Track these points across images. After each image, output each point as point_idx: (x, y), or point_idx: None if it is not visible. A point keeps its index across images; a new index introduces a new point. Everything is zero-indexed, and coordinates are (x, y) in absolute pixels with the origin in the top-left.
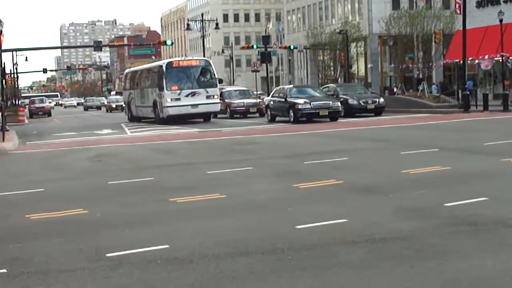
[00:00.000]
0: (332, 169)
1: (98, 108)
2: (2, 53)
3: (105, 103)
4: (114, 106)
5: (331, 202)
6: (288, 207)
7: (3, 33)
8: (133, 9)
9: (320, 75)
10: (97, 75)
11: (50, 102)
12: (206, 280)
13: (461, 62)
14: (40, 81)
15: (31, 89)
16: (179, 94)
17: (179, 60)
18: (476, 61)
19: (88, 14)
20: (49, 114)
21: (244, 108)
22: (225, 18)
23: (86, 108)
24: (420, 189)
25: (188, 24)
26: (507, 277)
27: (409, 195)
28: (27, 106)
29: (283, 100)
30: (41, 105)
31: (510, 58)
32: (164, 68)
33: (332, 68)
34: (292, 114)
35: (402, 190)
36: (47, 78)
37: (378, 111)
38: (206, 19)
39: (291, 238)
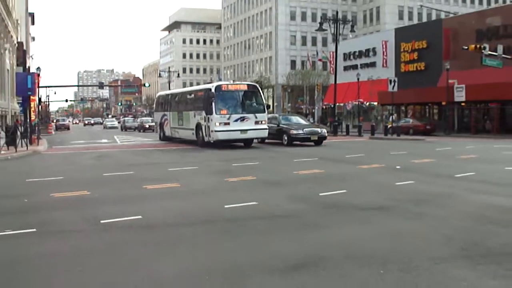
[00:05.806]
0: (250, 169)
1: (140, 129)
2: (40, 89)
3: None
4: (147, 126)
5: (248, 191)
6: (220, 193)
7: (40, 75)
8: (125, 62)
9: None
10: (100, 104)
11: (69, 121)
12: (166, 239)
13: (333, 105)
14: (63, 107)
15: (57, 112)
16: (228, 119)
17: (227, 84)
18: (343, 104)
19: (96, 64)
20: (68, 128)
21: None
22: (184, 70)
23: (125, 129)
24: (305, 184)
25: (160, 73)
26: (356, 239)
27: (298, 187)
28: (54, 123)
29: (276, 125)
30: (63, 122)
31: (364, 103)
32: (213, 90)
33: None
34: (286, 138)
35: (293, 184)
36: (68, 105)
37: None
38: (172, 70)
39: (221, 214)
